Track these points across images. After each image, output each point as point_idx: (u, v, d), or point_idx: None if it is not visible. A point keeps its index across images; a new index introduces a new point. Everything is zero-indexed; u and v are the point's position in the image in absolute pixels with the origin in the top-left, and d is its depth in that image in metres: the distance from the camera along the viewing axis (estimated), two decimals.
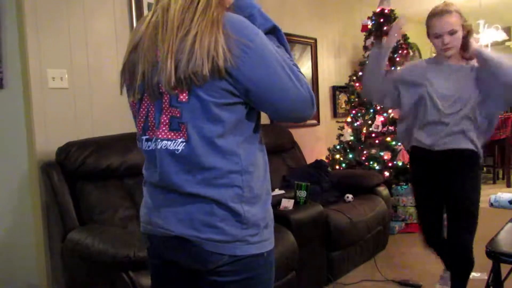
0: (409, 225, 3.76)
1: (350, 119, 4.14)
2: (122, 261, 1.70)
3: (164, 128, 0.98)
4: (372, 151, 3.79)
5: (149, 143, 1.03)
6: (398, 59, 4.04)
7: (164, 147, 0.99)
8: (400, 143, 3.69)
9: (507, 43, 6.57)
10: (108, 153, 2.26)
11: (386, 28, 4.06)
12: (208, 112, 0.94)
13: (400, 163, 3.71)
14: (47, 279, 2.30)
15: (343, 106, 4.73)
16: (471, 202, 2.02)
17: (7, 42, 2.22)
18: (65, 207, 2.13)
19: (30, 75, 2.22)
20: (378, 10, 4.16)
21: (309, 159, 3.81)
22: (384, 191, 3.39)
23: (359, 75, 4.17)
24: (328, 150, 4.21)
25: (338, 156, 4.01)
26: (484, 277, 2.33)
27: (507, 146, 5.69)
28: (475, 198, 2.03)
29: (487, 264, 1.84)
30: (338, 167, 3.98)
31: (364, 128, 3.97)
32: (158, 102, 0.99)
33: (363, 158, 3.81)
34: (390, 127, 3.90)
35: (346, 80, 4.47)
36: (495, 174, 6.01)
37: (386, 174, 3.68)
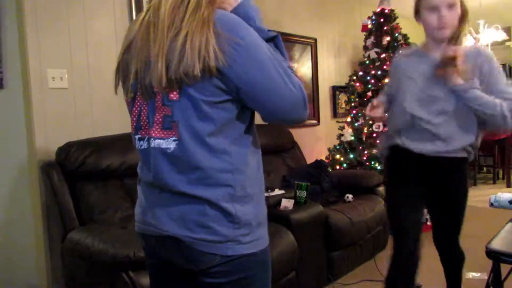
0: None
1: (350, 119, 4.14)
2: (122, 261, 1.70)
3: (157, 127, 0.98)
4: (374, 151, 3.78)
5: (141, 142, 1.03)
6: None
7: (157, 146, 0.99)
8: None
9: (507, 43, 6.57)
10: (108, 153, 2.26)
11: (386, 28, 4.07)
12: (199, 110, 0.93)
13: None
14: (47, 279, 2.30)
15: (343, 106, 4.73)
16: (463, 205, 1.90)
17: (7, 42, 2.22)
18: (65, 207, 2.13)
19: (30, 75, 2.22)
20: (378, 10, 4.16)
21: (309, 159, 3.81)
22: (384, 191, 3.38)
23: (359, 75, 4.17)
24: (328, 150, 4.20)
25: (339, 156, 4.01)
26: (484, 277, 2.33)
27: (507, 146, 5.69)
28: (466, 200, 1.90)
29: (487, 264, 1.84)
30: (338, 167, 3.97)
31: (365, 128, 3.96)
32: (151, 101, 0.99)
33: (364, 158, 3.81)
34: None
35: (346, 80, 4.47)
36: (495, 174, 6.01)
37: None
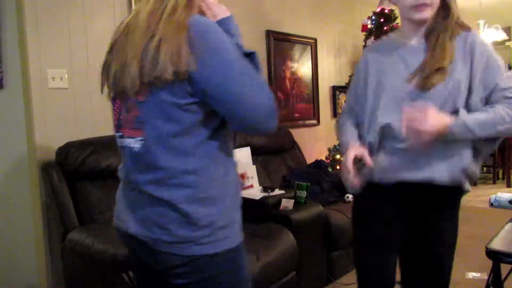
0: None
1: None
2: (122, 261, 1.70)
3: (128, 126, 1.01)
4: None
5: (120, 139, 1.07)
6: None
7: (128, 145, 1.02)
8: None
9: (507, 43, 6.56)
10: (108, 153, 2.26)
11: (386, 28, 4.07)
12: (165, 112, 0.95)
13: None
14: (47, 279, 2.30)
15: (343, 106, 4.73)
16: (448, 256, 1.44)
17: (7, 42, 2.22)
18: (65, 207, 2.13)
19: (30, 75, 2.22)
20: (378, 10, 4.16)
21: (309, 159, 3.81)
22: None
23: None
24: (328, 150, 4.20)
25: (339, 156, 4.00)
26: (484, 277, 2.33)
27: (507, 146, 5.69)
28: (453, 250, 1.44)
29: (487, 264, 1.84)
30: (339, 168, 3.97)
31: None
32: (125, 101, 1.02)
33: None
34: None
35: (346, 80, 4.47)
36: (495, 174, 6.01)
37: None
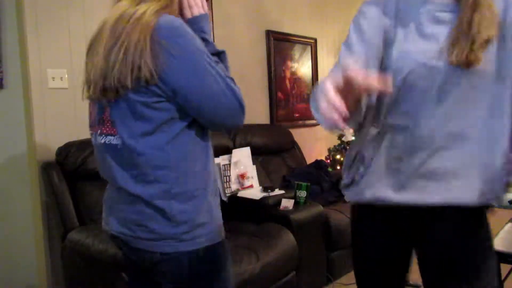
0: None
1: None
2: (122, 260, 1.70)
3: (108, 124, 1.02)
4: None
5: (100, 137, 1.06)
6: None
7: (108, 142, 1.02)
8: None
9: None
10: None
11: None
12: (135, 111, 0.96)
13: None
14: (47, 279, 2.30)
15: None
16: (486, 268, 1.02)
17: (7, 42, 2.22)
18: (65, 207, 2.13)
19: (30, 75, 2.22)
20: None
21: (309, 159, 3.81)
22: None
23: None
24: (328, 150, 4.20)
25: (339, 156, 4.00)
26: None
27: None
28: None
29: None
30: (340, 167, 3.96)
31: None
32: (98, 101, 1.03)
33: None
34: None
35: None
36: None
37: None
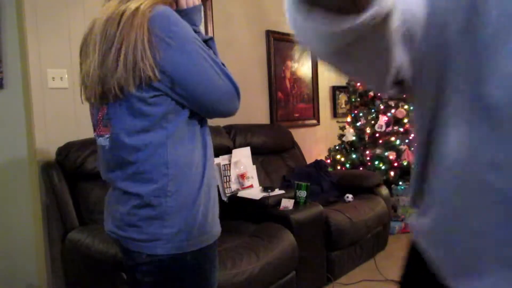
0: (409, 225, 3.76)
1: (351, 119, 4.13)
2: (122, 261, 1.70)
3: (100, 125, 1.03)
4: (377, 151, 3.77)
5: (97, 139, 1.08)
6: None
7: (101, 144, 1.04)
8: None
9: None
10: None
11: None
12: (132, 107, 0.96)
13: (405, 163, 3.70)
14: (47, 279, 2.30)
15: (343, 106, 4.73)
16: None
17: (7, 42, 2.22)
18: (65, 207, 2.13)
19: (30, 75, 2.22)
20: None
21: (309, 159, 3.81)
22: (384, 191, 3.38)
23: None
24: (328, 150, 4.20)
25: (339, 157, 4.00)
26: None
27: None
28: None
29: None
30: (341, 168, 3.96)
31: (368, 128, 3.95)
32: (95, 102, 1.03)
33: (367, 158, 3.80)
34: (394, 127, 3.88)
35: (346, 80, 4.47)
36: None
37: (392, 174, 3.67)
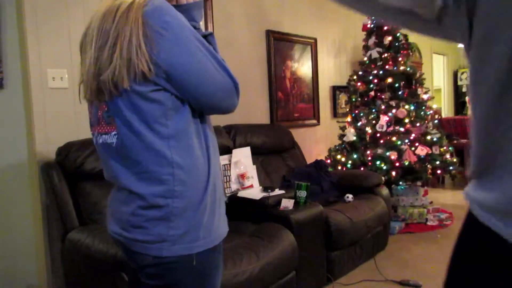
0: (409, 225, 3.76)
1: (351, 119, 4.13)
2: (122, 261, 1.70)
3: (102, 123, 1.01)
4: (379, 151, 3.77)
5: (96, 138, 1.06)
6: (400, 59, 4.04)
7: (104, 142, 1.01)
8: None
9: None
10: None
11: (387, 28, 4.07)
12: (132, 103, 0.94)
13: (406, 163, 3.69)
14: (47, 279, 2.30)
15: (343, 106, 4.73)
16: None
17: (7, 42, 2.22)
18: (65, 207, 2.13)
19: (30, 75, 2.22)
20: None
21: (309, 159, 3.81)
22: (384, 191, 3.38)
23: (359, 75, 4.16)
24: (328, 150, 4.19)
25: (340, 157, 3.99)
26: None
27: None
28: None
29: None
30: (342, 168, 3.94)
31: (369, 128, 3.95)
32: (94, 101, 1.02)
33: (369, 158, 3.79)
34: (395, 127, 3.87)
35: (346, 80, 4.47)
36: None
37: (393, 174, 3.67)
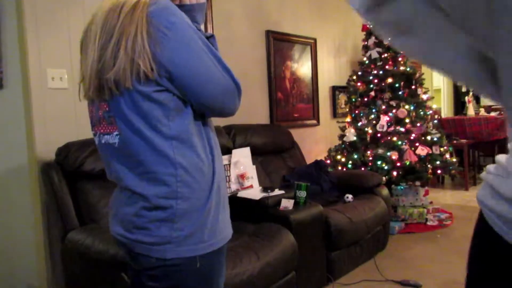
0: (408, 225, 3.76)
1: (350, 119, 4.13)
2: (122, 261, 1.69)
3: (103, 123, 1.00)
4: (379, 151, 3.77)
5: (98, 138, 1.05)
6: (400, 59, 4.04)
7: (106, 142, 1.00)
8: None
9: None
10: None
11: None
12: (134, 103, 0.93)
13: (407, 163, 3.69)
14: (47, 279, 2.30)
15: (343, 106, 4.73)
16: None
17: (7, 42, 2.22)
18: (65, 207, 2.13)
19: (30, 75, 2.22)
20: None
21: (308, 159, 3.81)
22: (384, 191, 3.39)
23: (359, 75, 4.17)
24: (328, 150, 4.19)
25: (340, 157, 3.99)
26: None
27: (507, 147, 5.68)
28: None
29: None
30: (341, 168, 3.94)
31: (369, 128, 3.95)
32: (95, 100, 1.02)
33: (370, 158, 3.79)
34: (396, 127, 3.87)
35: (346, 80, 4.47)
36: None
37: (394, 174, 3.67)
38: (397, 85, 3.98)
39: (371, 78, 4.06)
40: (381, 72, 4.02)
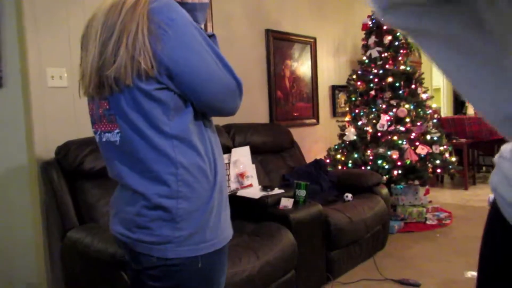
0: (408, 224, 3.76)
1: (349, 118, 4.13)
2: (121, 260, 1.70)
3: (104, 121, 1.00)
4: (380, 150, 3.76)
5: (99, 135, 1.04)
6: (400, 59, 4.04)
7: (108, 140, 1.00)
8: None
9: None
10: None
11: (387, 27, 4.06)
12: (134, 101, 0.92)
13: (408, 162, 3.69)
14: (46, 278, 2.30)
15: (343, 105, 4.73)
16: None
17: (7, 41, 2.22)
18: (64, 206, 2.13)
19: (30, 74, 2.21)
20: None
21: (308, 158, 3.81)
22: (384, 190, 3.39)
23: (358, 74, 4.16)
24: (328, 150, 4.19)
25: (339, 156, 3.99)
26: None
27: None
28: None
29: None
30: (341, 167, 3.94)
31: (369, 127, 3.95)
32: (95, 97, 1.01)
33: (371, 157, 3.79)
34: (397, 126, 3.87)
35: (345, 79, 4.47)
36: None
37: (395, 173, 3.67)
38: (397, 84, 3.98)
39: (371, 77, 4.06)
40: (381, 71, 4.02)
